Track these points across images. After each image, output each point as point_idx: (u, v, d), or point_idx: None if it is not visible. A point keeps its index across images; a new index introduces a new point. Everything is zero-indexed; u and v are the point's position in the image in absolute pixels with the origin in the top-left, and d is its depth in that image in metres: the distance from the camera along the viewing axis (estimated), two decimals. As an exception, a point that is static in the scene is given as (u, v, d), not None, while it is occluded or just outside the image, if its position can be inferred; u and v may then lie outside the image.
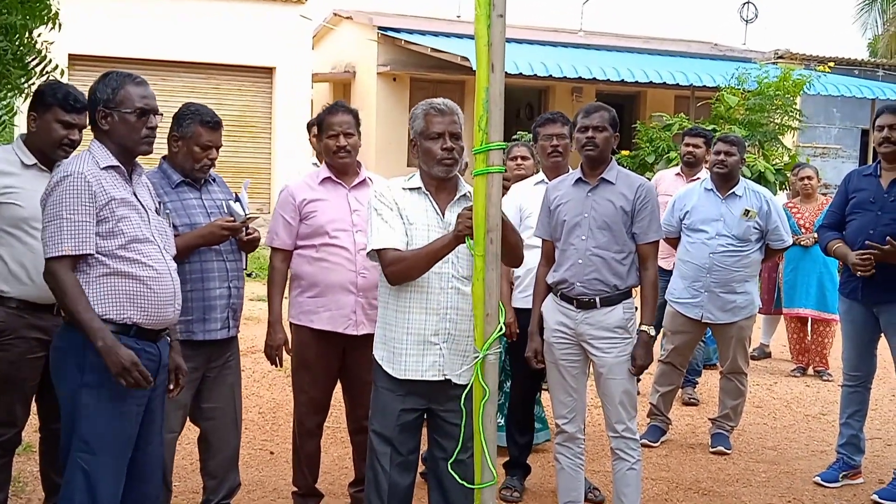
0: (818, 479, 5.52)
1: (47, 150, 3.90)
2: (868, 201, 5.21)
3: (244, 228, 4.17)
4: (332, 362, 4.50)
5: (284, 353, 4.52)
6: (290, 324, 4.55)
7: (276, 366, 4.53)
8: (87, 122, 3.57)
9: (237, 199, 4.26)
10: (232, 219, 4.10)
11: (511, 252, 3.64)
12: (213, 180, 4.31)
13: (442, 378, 3.61)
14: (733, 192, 5.89)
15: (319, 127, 4.54)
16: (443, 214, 3.62)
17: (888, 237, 4.96)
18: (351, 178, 4.51)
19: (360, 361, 4.46)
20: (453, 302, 3.58)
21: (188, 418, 4.31)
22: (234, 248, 4.22)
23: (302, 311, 4.46)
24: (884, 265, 5.03)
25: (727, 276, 5.81)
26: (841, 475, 5.50)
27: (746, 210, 5.82)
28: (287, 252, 4.49)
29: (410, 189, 3.66)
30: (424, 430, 3.84)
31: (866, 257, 5.03)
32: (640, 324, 4.39)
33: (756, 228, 5.84)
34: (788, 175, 10.09)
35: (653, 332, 4.37)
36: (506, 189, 4.56)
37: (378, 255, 3.58)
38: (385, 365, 3.66)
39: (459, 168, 3.70)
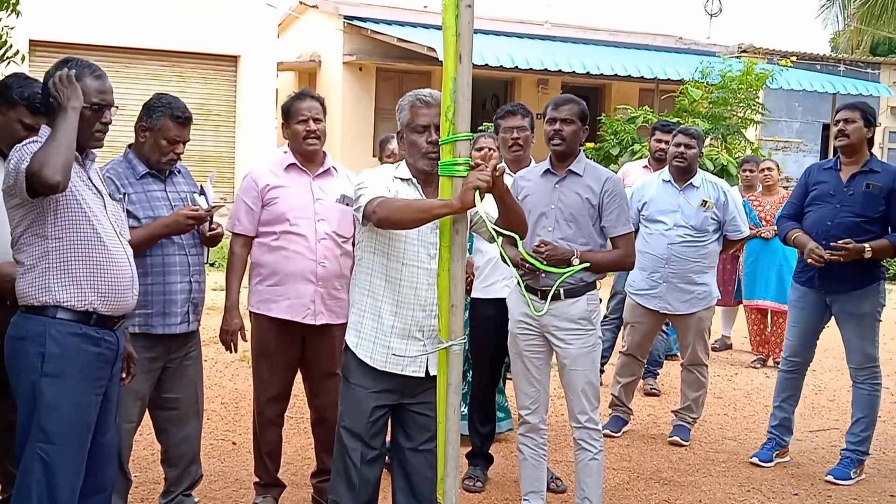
0: (754, 459, 5.72)
1: (2, 145, 3.82)
2: (828, 194, 5.36)
3: (209, 220, 4.14)
4: (291, 352, 4.49)
5: (241, 339, 4.50)
6: (250, 313, 4.53)
7: (231, 351, 4.51)
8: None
9: (202, 192, 4.23)
10: (197, 208, 4.07)
11: (518, 221, 3.59)
12: (179, 172, 4.27)
13: (423, 374, 3.58)
14: (690, 184, 5.94)
15: (287, 114, 4.51)
16: None
17: (841, 241, 5.14)
18: (316, 166, 4.49)
19: (319, 352, 4.47)
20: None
21: (148, 409, 4.28)
22: (197, 242, 4.19)
23: (261, 299, 4.45)
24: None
25: (685, 266, 5.86)
26: (774, 454, 5.73)
27: (704, 201, 5.87)
28: (248, 238, 4.47)
29: (401, 178, 3.59)
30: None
31: (829, 258, 5.17)
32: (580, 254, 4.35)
33: (714, 219, 5.90)
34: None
35: (577, 262, 4.30)
36: None
37: (365, 209, 3.43)
38: (361, 353, 3.58)
39: None
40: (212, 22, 15.59)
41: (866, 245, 5.14)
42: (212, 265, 12.61)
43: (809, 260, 5.27)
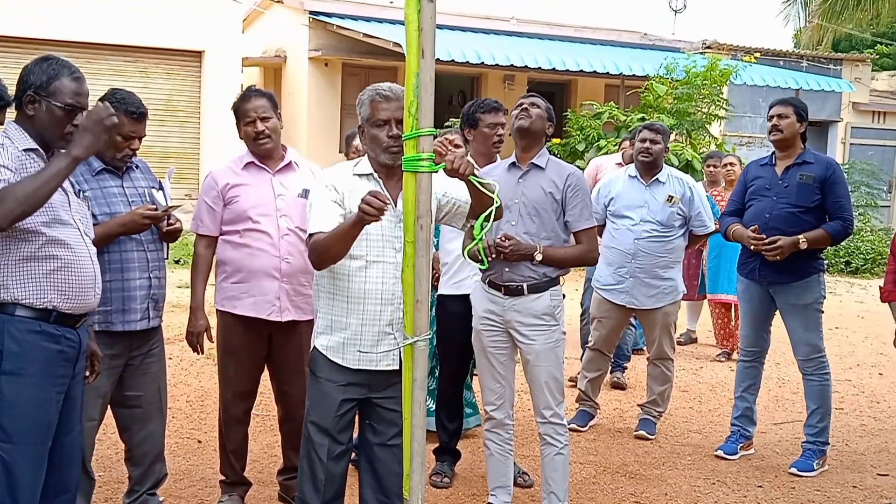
0: (719, 451, 5.78)
1: None
2: (764, 188, 5.52)
3: (166, 217, 4.09)
4: (257, 349, 4.46)
5: (206, 339, 4.47)
6: (216, 310, 4.50)
7: (198, 353, 4.48)
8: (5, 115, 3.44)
9: (160, 188, 4.18)
10: (154, 207, 4.02)
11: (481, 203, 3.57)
12: (137, 167, 4.22)
13: (396, 367, 3.56)
14: (657, 179, 5.98)
15: (236, 116, 4.46)
16: (395, 203, 3.51)
17: (769, 238, 5.28)
18: (275, 162, 4.45)
19: (286, 348, 4.44)
20: None
21: (111, 407, 4.24)
22: (155, 238, 4.14)
23: (226, 296, 4.42)
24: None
25: (652, 261, 5.89)
26: (739, 447, 5.79)
27: (670, 196, 5.91)
28: (211, 238, 4.43)
29: (360, 175, 3.59)
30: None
31: (769, 244, 5.28)
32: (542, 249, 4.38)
33: (679, 214, 5.94)
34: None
35: (540, 257, 4.34)
36: None
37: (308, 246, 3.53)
38: (332, 355, 3.58)
39: None
40: (176, 17, 15.45)
41: (800, 236, 5.27)
42: (177, 262, 12.52)
43: (751, 246, 5.39)
